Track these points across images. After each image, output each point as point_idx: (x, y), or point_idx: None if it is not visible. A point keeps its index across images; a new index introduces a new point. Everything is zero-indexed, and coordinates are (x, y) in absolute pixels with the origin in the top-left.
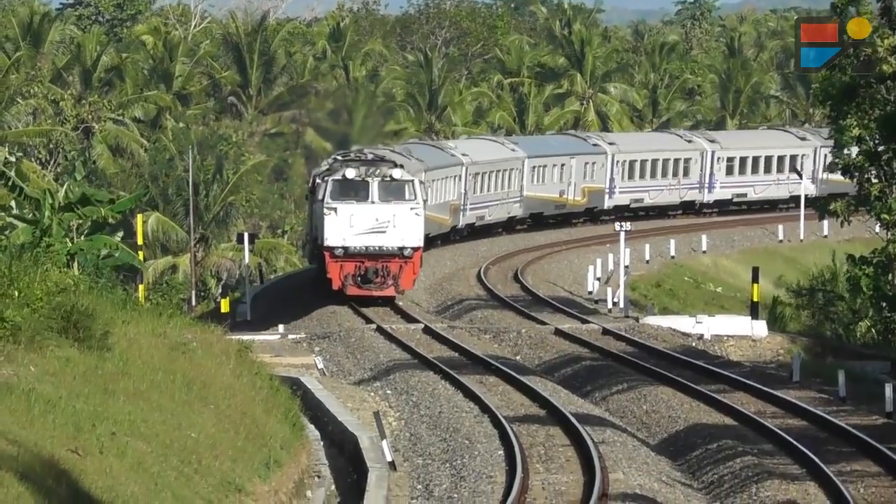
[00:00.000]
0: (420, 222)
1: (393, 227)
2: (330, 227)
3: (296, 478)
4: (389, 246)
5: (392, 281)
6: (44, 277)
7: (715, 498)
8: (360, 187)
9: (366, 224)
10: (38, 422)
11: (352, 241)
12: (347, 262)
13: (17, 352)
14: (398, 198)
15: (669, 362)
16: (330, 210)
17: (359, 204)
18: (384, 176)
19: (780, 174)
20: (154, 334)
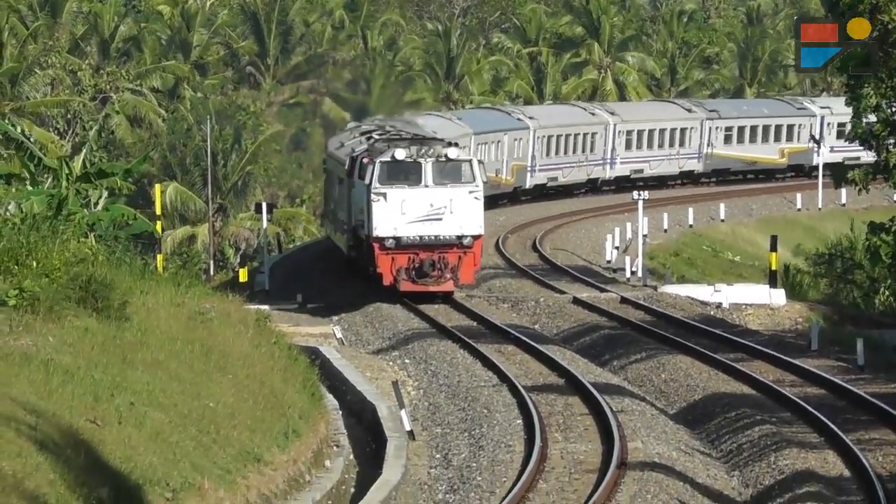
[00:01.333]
0: (480, 207)
1: (450, 213)
2: (379, 216)
3: (314, 447)
4: (446, 234)
5: (450, 274)
6: (62, 248)
7: (733, 467)
8: (411, 169)
9: (419, 211)
10: (56, 392)
11: (404, 230)
12: (400, 254)
13: (35, 322)
14: (455, 180)
15: (688, 331)
16: (378, 196)
17: (411, 188)
18: (438, 156)
19: (671, 148)
20: (172, 304)
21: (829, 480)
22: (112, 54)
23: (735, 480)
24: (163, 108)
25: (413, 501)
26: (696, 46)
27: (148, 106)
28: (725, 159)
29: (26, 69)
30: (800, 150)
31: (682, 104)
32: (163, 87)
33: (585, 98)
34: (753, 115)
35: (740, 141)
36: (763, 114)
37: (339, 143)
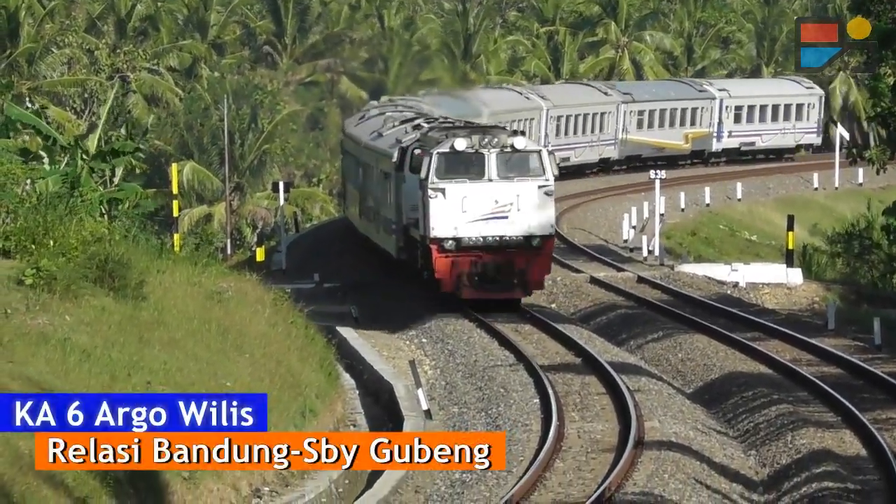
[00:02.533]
0: (551, 204)
1: (517, 210)
2: (437, 214)
3: (331, 427)
4: (513, 235)
5: (518, 280)
6: (79, 227)
7: (750, 446)
8: (472, 161)
9: (483, 208)
10: (73, 371)
11: (465, 230)
12: (461, 257)
13: (52, 301)
14: (522, 173)
15: (704, 310)
16: (436, 192)
17: (472, 183)
18: (503, 146)
19: (592, 135)
20: (189, 283)
21: (845, 460)
22: (129, 33)
23: (752, 460)
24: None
25: (430, 481)
26: (713, 26)
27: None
28: (638, 145)
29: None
30: (702, 135)
31: (600, 87)
32: (180, 66)
33: (603, 77)
34: (662, 99)
35: (650, 126)
36: (670, 97)
37: (370, 128)
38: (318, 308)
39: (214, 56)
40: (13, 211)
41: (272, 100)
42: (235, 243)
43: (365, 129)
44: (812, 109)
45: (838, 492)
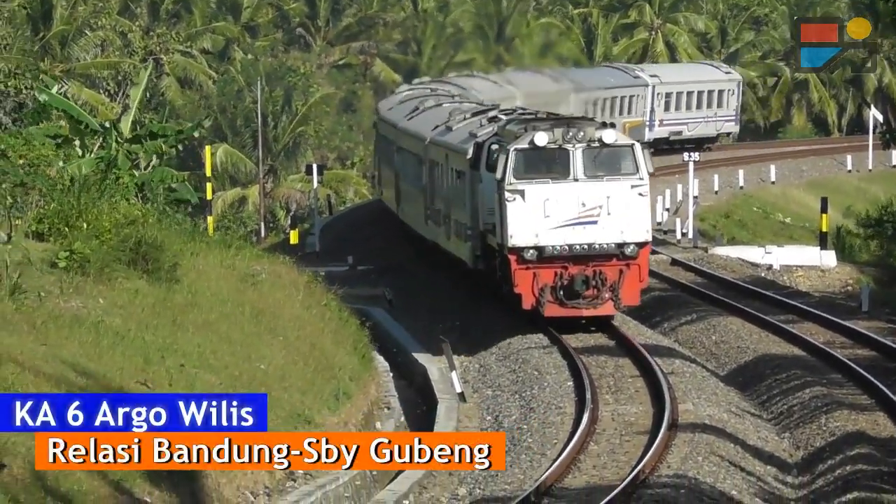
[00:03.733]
0: (645, 206)
1: (607, 214)
2: (515, 219)
3: (365, 409)
4: (603, 242)
5: (609, 293)
6: (112, 210)
7: (784, 428)
8: (555, 159)
9: (568, 212)
10: (107, 354)
11: (548, 237)
12: (543, 269)
13: (85, 284)
14: (613, 171)
15: (738, 292)
16: (514, 194)
17: (556, 183)
18: (590, 140)
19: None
20: (223, 266)
21: (879, 442)
22: (162, 16)
23: (786, 442)
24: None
25: None
26: (746, 8)
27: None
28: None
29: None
30: (636, 125)
31: (553, 74)
32: (213, 48)
33: (636, 60)
34: (606, 87)
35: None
36: (610, 84)
37: (405, 112)
38: (352, 291)
39: (248, 38)
40: (47, 194)
41: (305, 82)
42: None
43: (401, 113)
44: (731, 96)
45: (872, 474)
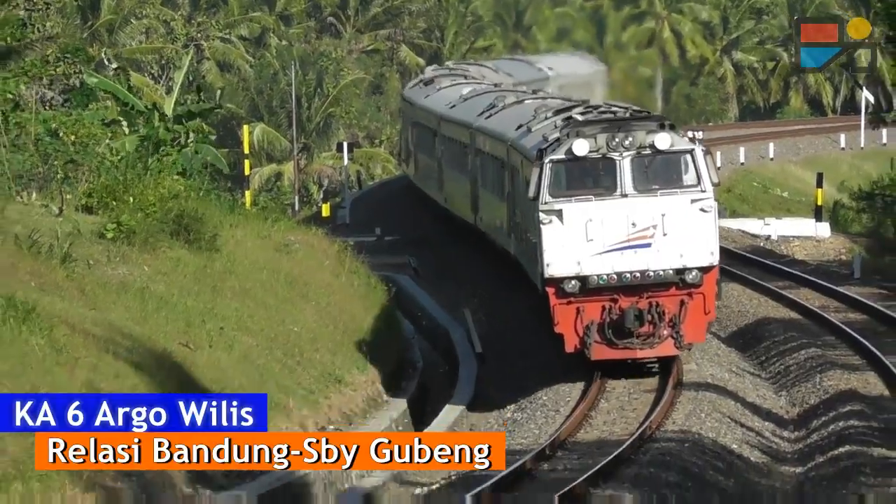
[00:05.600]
0: (711, 224)
1: (663, 234)
2: (552, 244)
3: (391, 369)
4: (659, 268)
5: (669, 329)
6: (156, 184)
7: (781, 387)
8: (600, 170)
9: (616, 234)
10: (151, 318)
11: (592, 265)
12: (588, 303)
13: (132, 253)
14: (668, 184)
15: (739, 261)
16: (551, 215)
17: (600, 200)
18: (640, 147)
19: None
20: (259, 236)
21: (870, 400)
22: (202, 5)
23: (783, 400)
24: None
25: (483, 419)
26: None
27: (236, 53)
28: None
29: (123, 19)
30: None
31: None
32: (250, 35)
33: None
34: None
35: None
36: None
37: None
38: (379, 260)
39: (282, 26)
40: (95, 170)
41: (336, 67)
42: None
43: (441, 100)
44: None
45: (863, 430)
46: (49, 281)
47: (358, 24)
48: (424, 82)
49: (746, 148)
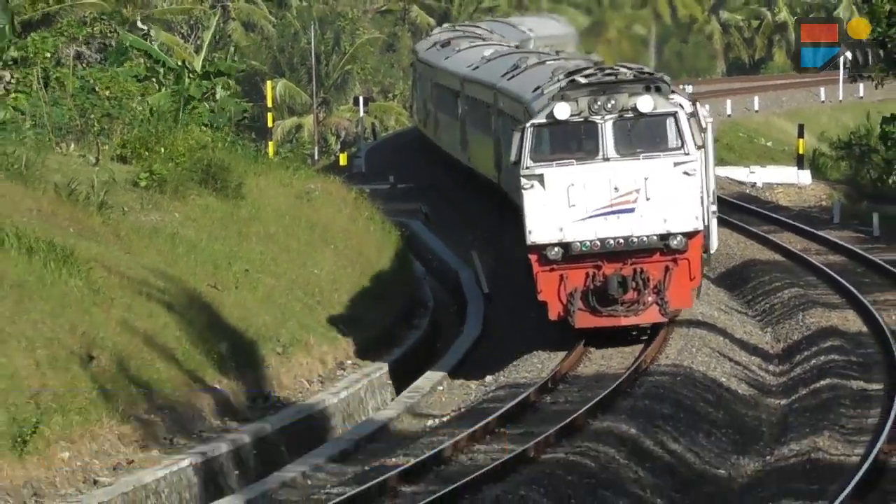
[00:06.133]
0: (695, 187)
1: (646, 199)
2: (534, 211)
3: (404, 308)
4: (643, 234)
5: (653, 296)
6: (186, 136)
7: (767, 324)
8: (581, 134)
9: (598, 199)
10: (181, 261)
11: (575, 231)
12: (571, 270)
13: (163, 200)
14: (652, 146)
15: (727, 206)
16: (532, 180)
17: (582, 165)
18: (622, 109)
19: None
20: (282, 185)
21: (849, 336)
22: None
23: (768, 336)
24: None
25: (489, 354)
26: None
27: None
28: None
29: None
30: None
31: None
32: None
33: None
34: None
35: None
36: (518, 38)
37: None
38: (393, 206)
39: None
40: (129, 123)
41: (353, 26)
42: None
43: (461, 62)
44: (570, 47)
45: (843, 364)
46: (86, 227)
47: None
48: (441, 44)
49: (733, 101)
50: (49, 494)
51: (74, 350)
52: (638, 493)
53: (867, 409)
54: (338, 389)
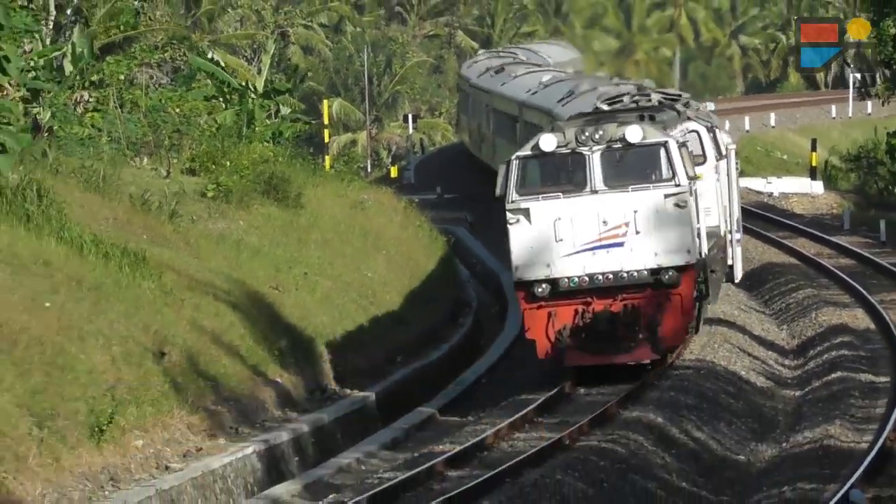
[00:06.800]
0: (686, 220)
1: (636, 233)
2: (521, 246)
3: (450, 308)
4: (633, 269)
5: (645, 332)
6: (250, 151)
7: (783, 322)
8: (569, 166)
9: (586, 233)
10: (245, 265)
11: (563, 266)
12: (560, 306)
13: (229, 210)
14: (642, 178)
15: (745, 214)
16: (517, 214)
17: (569, 198)
18: (611, 140)
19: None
20: (337, 195)
21: (858, 332)
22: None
23: (784, 333)
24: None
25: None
26: None
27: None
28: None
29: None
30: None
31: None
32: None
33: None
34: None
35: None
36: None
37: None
38: (439, 214)
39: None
40: (197, 139)
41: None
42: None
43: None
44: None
45: (853, 357)
46: (158, 234)
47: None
48: (495, 70)
49: (751, 117)
50: (124, 479)
51: (147, 347)
52: (664, 477)
53: (875, 399)
54: (388, 382)
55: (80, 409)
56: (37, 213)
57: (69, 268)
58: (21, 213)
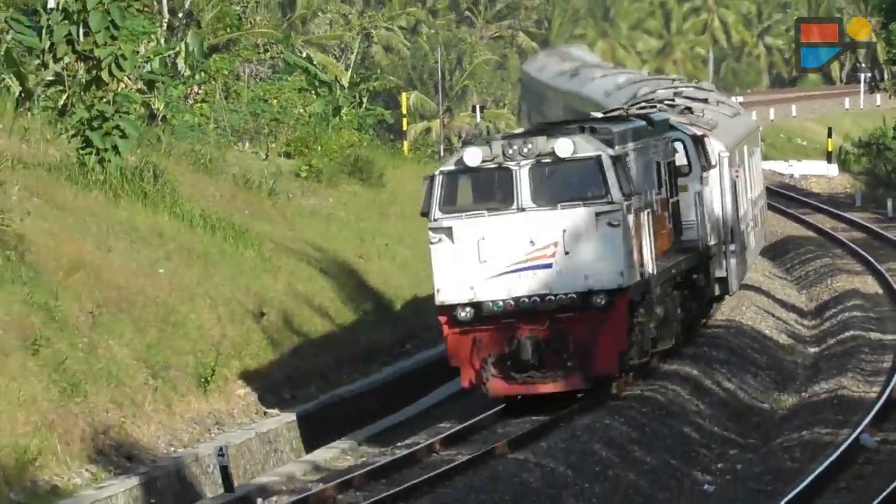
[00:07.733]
0: (620, 239)
1: (564, 253)
2: (444, 267)
3: None
4: (561, 291)
5: (575, 360)
6: (338, 136)
7: (802, 287)
8: (495, 181)
9: (512, 254)
10: (334, 237)
11: (486, 289)
12: (484, 331)
13: (319, 188)
14: (571, 195)
15: (770, 193)
16: (439, 233)
17: (494, 215)
18: (540, 154)
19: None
20: (415, 175)
21: (868, 296)
22: (371, 2)
23: (803, 296)
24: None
25: None
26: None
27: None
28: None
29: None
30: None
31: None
32: (407, 25)
33: (699, 33)
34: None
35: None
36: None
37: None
38: None
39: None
40: (292, 126)
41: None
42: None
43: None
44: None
45: (864, 318)
46: (258, 209)
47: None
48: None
49: (775, 109)
50: (228, 423)
51: (248, 307)
52: (698, 422)
53: (882, 355)
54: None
55: (189, 361)
56: (152, 191)
57: (180, 238)
58: (139, 191)
